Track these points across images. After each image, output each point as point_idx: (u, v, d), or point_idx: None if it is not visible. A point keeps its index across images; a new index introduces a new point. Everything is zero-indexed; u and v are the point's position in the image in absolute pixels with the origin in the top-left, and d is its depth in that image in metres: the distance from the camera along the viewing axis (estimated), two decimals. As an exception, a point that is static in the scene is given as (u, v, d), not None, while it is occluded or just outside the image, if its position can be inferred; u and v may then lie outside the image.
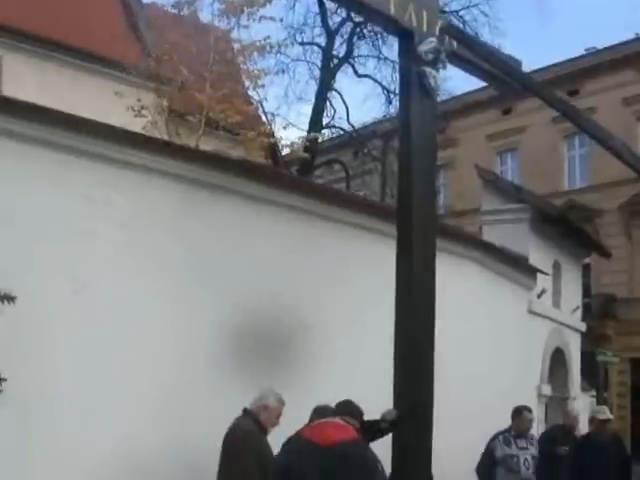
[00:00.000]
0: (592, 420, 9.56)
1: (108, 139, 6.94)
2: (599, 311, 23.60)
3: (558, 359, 14.02)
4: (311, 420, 6.82)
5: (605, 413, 9.43)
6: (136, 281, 7.02)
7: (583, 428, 10.74)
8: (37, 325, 6.31)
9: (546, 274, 13.15)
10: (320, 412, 6.85)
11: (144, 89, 13.06)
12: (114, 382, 6.70)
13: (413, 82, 6.36)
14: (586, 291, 18.75)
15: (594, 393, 17.33)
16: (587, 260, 19.09)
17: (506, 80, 7.54)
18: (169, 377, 7.08)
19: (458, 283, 9.79)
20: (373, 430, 6.68)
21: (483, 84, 9.00)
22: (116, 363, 6.74)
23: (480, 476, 8.79)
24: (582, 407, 14.47)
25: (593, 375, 18.03)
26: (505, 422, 9.30)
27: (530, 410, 9.18)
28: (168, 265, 7.27)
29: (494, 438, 8.73)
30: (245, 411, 6.30)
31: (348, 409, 5.89)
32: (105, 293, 6.78)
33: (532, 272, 12.75)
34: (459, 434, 9.19)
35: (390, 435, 6.29)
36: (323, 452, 5.48)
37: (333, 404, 6.63)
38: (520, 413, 8.93)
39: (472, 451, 9.90)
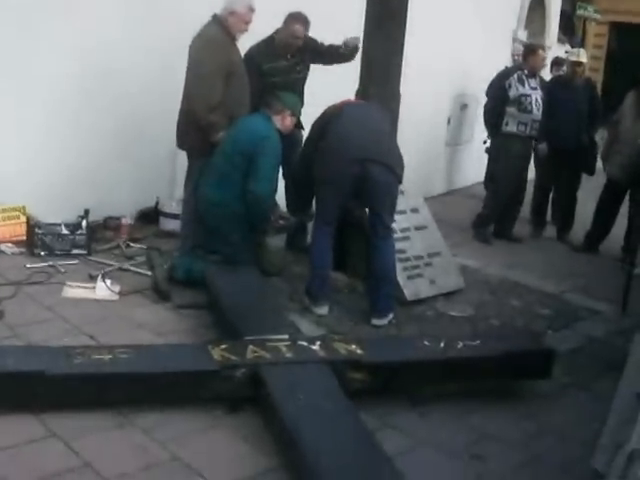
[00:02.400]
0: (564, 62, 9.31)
1: None
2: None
3: (537, 6, 13.50)
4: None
5: (578, 55, 9.02)
6: None
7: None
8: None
9: None
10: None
11: None
12: None
13: None
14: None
15: (569, 48, 16.98)
16: None
17: None
18: None
19: None
20: (332, 54, 6.55)
21: None
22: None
23: (489, 115, 8.63)
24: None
25: (570, 33, 17.59)
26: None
27: (544, 49, 8.94)
28: None
29: (506, 75, 8.45)
30: (213, 17, 5.99)
31: None
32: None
33: None
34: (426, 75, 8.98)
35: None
36: (347, 107, 5.69)
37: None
38: (535, 51, 8.65)
39: (441, 95, 9.81)
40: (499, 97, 8.42)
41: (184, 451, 3.67)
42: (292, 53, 6.57)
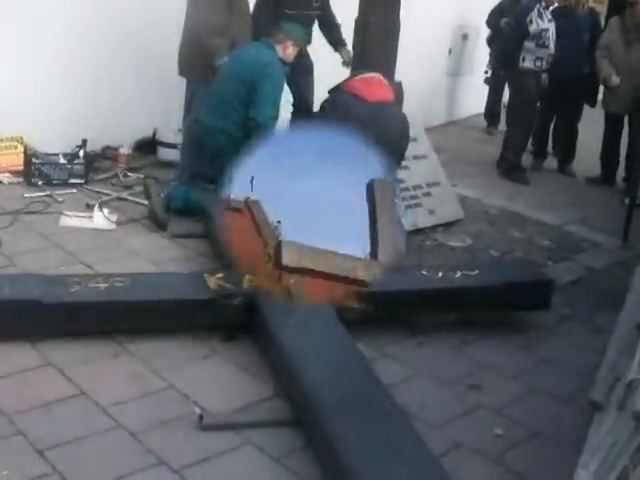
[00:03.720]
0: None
1: None
2: None
3: None
4: None
5: None
6: None
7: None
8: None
9: None
10: None
11: None
12: None
13: None
14: None
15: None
16: None
17: None
18: None
19: None
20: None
21: None
22: None
23: (508, 53, 8.41)
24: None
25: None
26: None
27: None
28: None
29: (526, 11, 8.16)
30: None
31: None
32: None
33: None
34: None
35: None
36: (368, 108, 5.34)
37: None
38: None
39: (442, 24, 9.59)
40: (520, 32, 8.10)
41: (180, 380, 3.67)
42: None
